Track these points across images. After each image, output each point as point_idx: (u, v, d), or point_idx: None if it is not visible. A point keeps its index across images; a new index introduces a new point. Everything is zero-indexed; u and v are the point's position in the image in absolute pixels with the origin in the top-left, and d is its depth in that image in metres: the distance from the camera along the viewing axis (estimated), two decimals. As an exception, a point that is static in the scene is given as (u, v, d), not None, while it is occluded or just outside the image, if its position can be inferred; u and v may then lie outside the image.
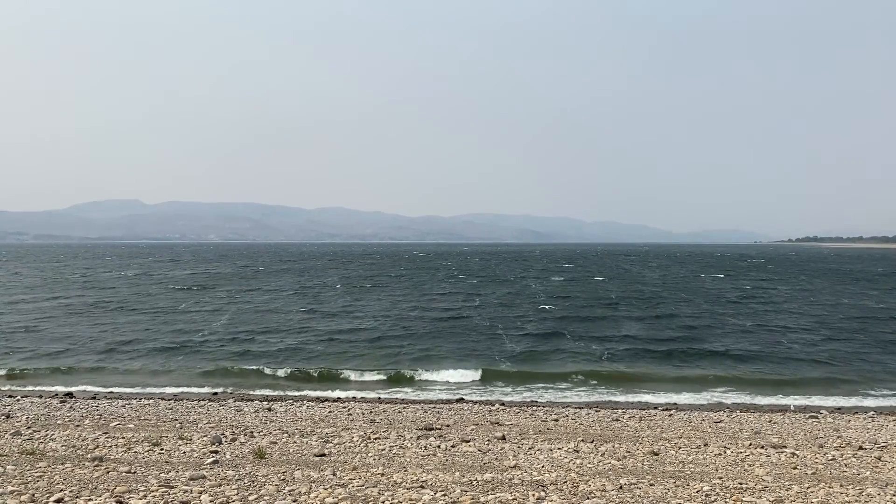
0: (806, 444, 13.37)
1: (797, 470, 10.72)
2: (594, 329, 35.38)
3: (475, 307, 45.73)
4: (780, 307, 46.17)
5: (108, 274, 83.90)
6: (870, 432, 15.46)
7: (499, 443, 13.01)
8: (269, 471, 9.76)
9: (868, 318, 39.95)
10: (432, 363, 26.84)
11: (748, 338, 32.52)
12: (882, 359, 27.64)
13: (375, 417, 16.67)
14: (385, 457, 11.37)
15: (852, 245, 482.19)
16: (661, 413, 18.49)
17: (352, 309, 44.22)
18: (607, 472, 10.27)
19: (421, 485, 9.00)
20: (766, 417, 17.80)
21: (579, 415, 17.85)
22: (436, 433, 14.12)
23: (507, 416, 17.26)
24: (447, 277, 79.42)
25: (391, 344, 30.78)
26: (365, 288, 62.16)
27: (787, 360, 27.23)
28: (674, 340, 31.80)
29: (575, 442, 13.23)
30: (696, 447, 12.85)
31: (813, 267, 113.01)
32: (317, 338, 32.13)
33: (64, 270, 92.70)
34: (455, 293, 57.10)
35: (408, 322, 37.88)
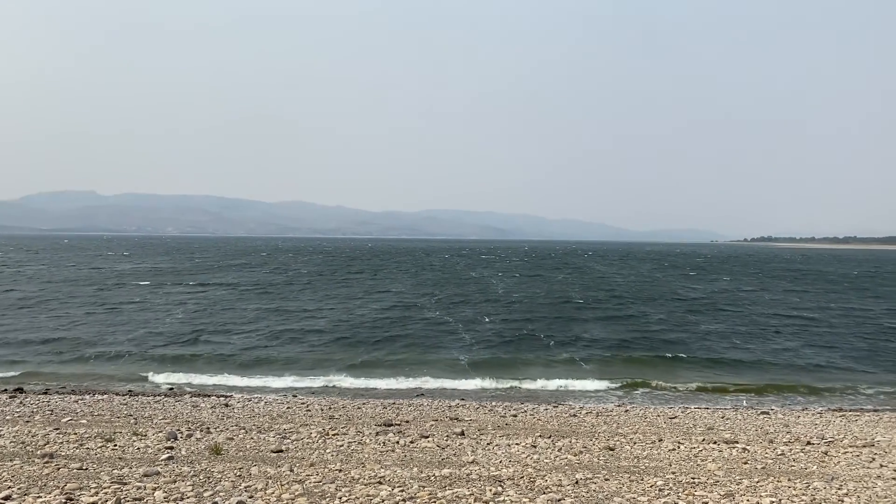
0: (757, 440, 13.69)
1: (748, 465, 10.98)
2: (556, 325, 35.71)
3: (435, 303, 45.80)
4: (746, 306, 47.16)
5: (40, 268, 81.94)
6: (818, 428, 15.89)
7: (457, 438, 13.07)
8: (225, 467, 9.67)
9: (821, 318, 41.05)
10: (392, 359, 26.83)
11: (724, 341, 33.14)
12: (831, 357, 28.46)
13: (334, 413, 16.60)
14: (343, 453, 11.34)
15: (805, 245, 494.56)
16: (618, 409, 18.75)
17: (311, 306, 43.94)
18: (564, 467, 10.39)
19: (379, 480, 9.01)
20: (719, 413, 18.18)
21: (538, 410, 18.00)
22: (395, 429, 14.12)
23: (467, 412, 17.33)
24: (409, 273, 79.40)
25: (350, 340, 30.68)
26: (325, 284, 61.82)
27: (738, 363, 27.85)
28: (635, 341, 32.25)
29: (533, 437, 13.35)
30: (650, 442, 13.07)
31: (771, 267, 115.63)
32: (273, 335, 31.84)
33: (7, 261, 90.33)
34: (417, 289, 57.11)
35: (366, 319, 37.77)
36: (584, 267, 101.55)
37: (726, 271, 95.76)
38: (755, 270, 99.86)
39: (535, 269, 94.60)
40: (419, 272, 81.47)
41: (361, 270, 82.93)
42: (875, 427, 16.17)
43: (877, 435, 14.77)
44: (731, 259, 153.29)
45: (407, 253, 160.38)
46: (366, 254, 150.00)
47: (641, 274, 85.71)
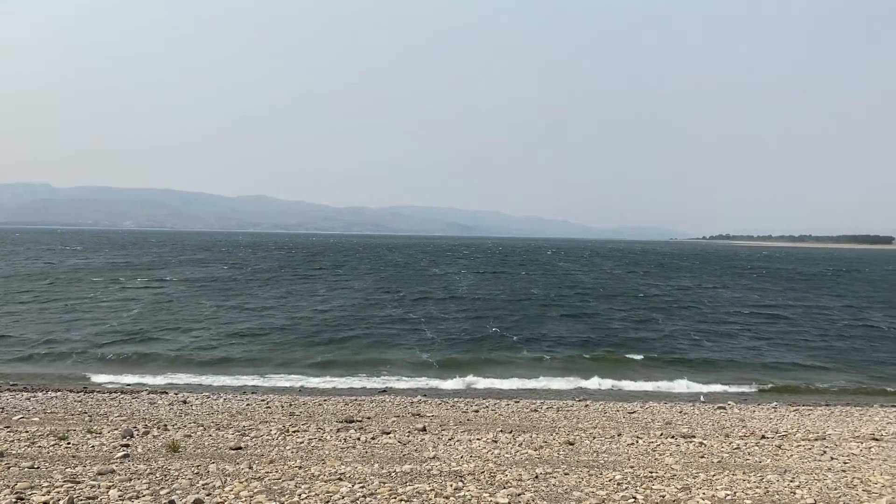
0: (713, 434, 13.94)
1: (704, 458, 11.17)
2: (519, 323, 35.90)
3: (398, 300, 45.72)
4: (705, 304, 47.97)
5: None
6: (772, 422, 16.24)
7: (419, 434, 13.07)
8: (182, 464, 9.53)
9: (779, 315, 41.97)
10: (354, 356, 26.72)
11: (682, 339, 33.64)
12: (788, 353, 29.13)
13: (295, 410, 16.47)
14: (303, 449, 11.25)
15: (763, 243, 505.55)
16: (578, 404, 18.93)
17: (272, 302, 43.53)
18: (524, 462, 10.45)
19: (339, 477, 8.96)
20: (677, 408, 18.47)
21: (499, 406, 18.08)
22: (356, 425, 14.06)
23: (429, 408, 17.34)
24: (372, 270, 79.13)
25: (311, 337, 30.45)
26: (286, 280, 61.28)
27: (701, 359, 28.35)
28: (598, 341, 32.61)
29: (494, 432, 13.40)
30: (610, 437, 13.23)
31: (730, 264, 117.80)
32: (232, 332, 31.45)
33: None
34: (380, 286, 56.95)
35: (328, 316, 37.55)
36: (548, 264, 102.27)
37: (686, 269, 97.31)
38: (715, 268, 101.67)
39: (499, 265, 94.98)
40: (382, 269, 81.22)
41: (323, 266, 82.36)
42: (827, 421, 16.59)
43: (828, 428, 15.16)
44: (691, 256, 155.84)
45: (370, 249, 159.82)
46: (328, 250, 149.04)
47: (604, 271, 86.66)
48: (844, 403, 20.47)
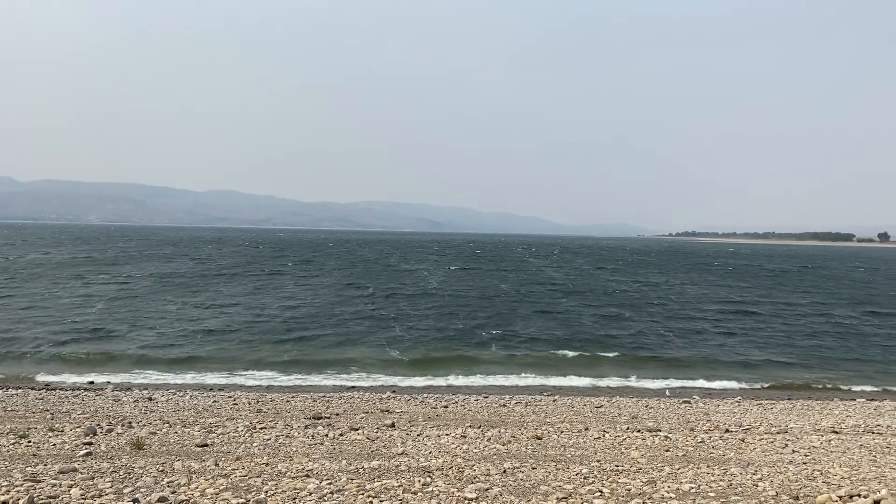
0: (678, 428, 14.14)
1: (669, 452, 11.32)
2: (489, 319, 36.01)
3: (368, 296, 45.59)
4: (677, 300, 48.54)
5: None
6: (736, 416, 16.53)
7: (388, 430, 13.05)
8: (147, 462, 9.41)
9: (742, 311, 42.65)
10: (323, 353, 26.59)
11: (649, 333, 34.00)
12: (752, 349, 29.64)
13: (262, 407, 16.35)
14: (271, 446, 11.18)
15: (727, 240, 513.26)
16: (547, 399, 19.06)
17: (240, 299, 43.10)
18: (492, 457, 10.50)
19: (306, 473, 8.91)
20: (643, 402, 18.70)
21: (468, 401, 18.14)
22: (324, 422, 14.00)
23: (398, 404, 17.33)
24: (342, 266, 78.78)
25: (279, 334, 30.23)
26: (255, 276, 60.74)
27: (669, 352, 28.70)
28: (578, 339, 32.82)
29: (463, 428, 13.45)
30: (577, 431, 13.34)
31: (697, 261, 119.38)
32: (198, 329, 31.09)
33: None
34: (350, 282, 56.73)
35: (297, 312, 37.31)
36: (519, 260, 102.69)
37: (654, 265, 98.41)
38: (683, 264, 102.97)
39: (470, 262, 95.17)
40: (352, 264, 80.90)
41: (292, 262, 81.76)
42: (789, 415, 16.93)
43: (790, 422, 15.47)
44: (659, 253, 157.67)
45: (339, 244, 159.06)
46: (297, 245, 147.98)
47: (575, 267, 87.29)
48: (805, 397, 20.89)
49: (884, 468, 10.29)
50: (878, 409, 18.33)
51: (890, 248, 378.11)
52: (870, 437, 13.34)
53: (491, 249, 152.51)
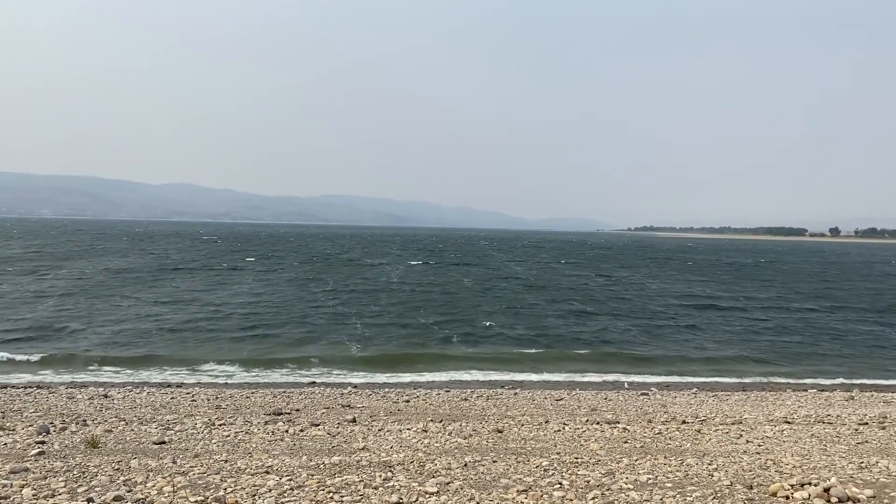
0: (636, 420, 14.35)
1: (627, 444, 11.49)
2: (452, 315, 36.07)
3: (329, 291, 45.32)
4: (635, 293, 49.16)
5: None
6: (692, 407, 16.84)
7: (349, 425, 13.01)
8: (102, 461, 9.23)
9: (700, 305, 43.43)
10: (284, 348, 26.36)
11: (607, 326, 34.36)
12: (712, 343, 30.20)
13: (221, 403, 16.14)
14: (230, 443, 11.06)
15: (685, 235, 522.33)
16: (508, 392, 19.18)
17: (197, 294, 42.49)
18: (453, 451, 10.54)
19: (266, 470, 8.84)
20: (602, 395, 18.93)
21: (430, 395, 18.16)
22: (285, 418, 13.89)
23: (359, 399, 17.27)
24: (302, 260, 78.16)
25: (239, 329, 29.89)
26: (214, 271, 59.93)
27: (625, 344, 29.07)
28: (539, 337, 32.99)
29: (424, 422, 13.46)
30: (537, 424, 13.46)
31: (661, 256, 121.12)
32: (155, 325, 30.57)
33: None
34: (311, 277, 56.32)
35: (257, 307, 36.93)
36: (482, 255, 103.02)
37: (615, 259, 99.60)
38: (644, 259, 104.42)
39: (432, 256, 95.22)
40: (312, 259, 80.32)
41: (252, 257, 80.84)
42: (743, 406, 17.30)
43: (745, 413, 15.82)
44: (620, 248, 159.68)
45: (300, 239, 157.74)
46: (257, 239, 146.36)
47: (537, 262, 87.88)
48: (760, 389, 21.37)
49: (833, 457, 10.60)
50: (829, 399, 18.85)
51: (841, 242, 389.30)
52: (820, 427, 13.71)
53: (453, 244, 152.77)
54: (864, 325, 36.76)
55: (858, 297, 50.75)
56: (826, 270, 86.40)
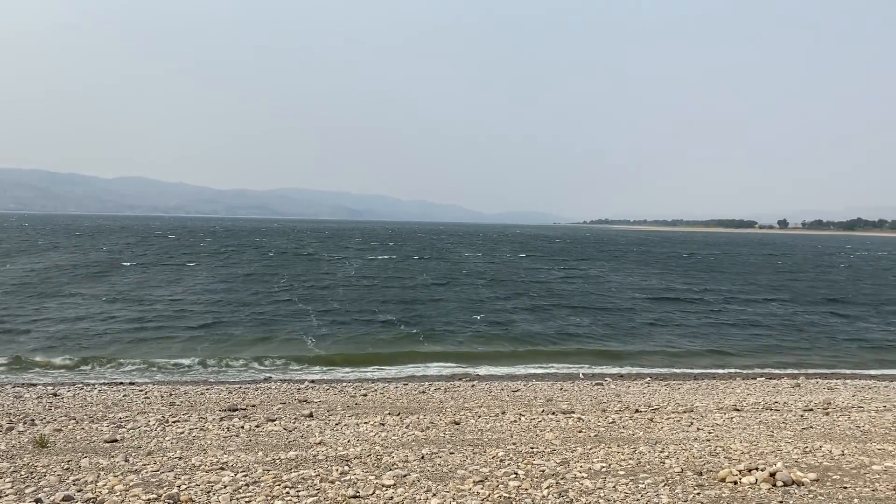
0: (591, 409, 14.58)
1: (582, 433, 11.68)
2: (410, 309, 36.06)
3: (285, 285, 44.92)
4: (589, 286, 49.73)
5: None
6: (645, 396, 17.16)
7: (306, 420, 12.95)
8: (51, 460, 9.04)
9: (658, 298, 44.16)
10: (239, 344, 26.06)
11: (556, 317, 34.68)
12: (652, 332, 30.77)
13: (175, 400, 15.91)
14: (184, 440, 10.92)
15: (638, 227, 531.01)
16: (465, 384, 19.29)
17: (148, 290, 41.72)
18: (411, 444, 10.58)
19: (221, 466, 8.77)
20: (558, 385, 19.16)
21: (388, 389, 18.16)
22: (240, 413, 13.76)
23: (316, 394, 17.19)
24: (258, 255, 77.28)
25: (193, 325, 29.45)
26: (165, 266, 58.88)
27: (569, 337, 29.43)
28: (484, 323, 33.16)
29: (382, 416, 13.47)
30: (494, 415, 13.58)
31: (619, 249, 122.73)
32: (105, 323, 29.94)
33: None
34: (266, 271, 55.75)
35: (211, 302, 36.43)
36: (443, 249, 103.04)
37: (575, 252, 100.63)
38: (601, 251, 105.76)
39: (390, 251, 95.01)
40: (268, 254, 79.44)
41: (206, 252, 79.60)
42: (695, 394, 17.70)
43: (696, 401, 16.19)
44: (580, 240, 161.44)
45: (255, 233, 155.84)
46: (211, 234, 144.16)
47: (497, 256, 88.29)
48: (710, 377, 21.88)
49: (780, 442, 10.92)
50: (777, 387, 19.39)
51: (790, 234, 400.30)
52: (768, 414, 14.11)
53: (412, 238, 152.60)
54: (814, 314, 37.80)
55: (811, 289, 52.10)
56: (778, 262, 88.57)
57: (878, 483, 8.43)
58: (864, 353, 27.83)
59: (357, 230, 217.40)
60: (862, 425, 12.68)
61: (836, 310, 39.82)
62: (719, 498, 7.75)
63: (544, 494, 7.73)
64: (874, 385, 19.98)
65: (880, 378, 22.36)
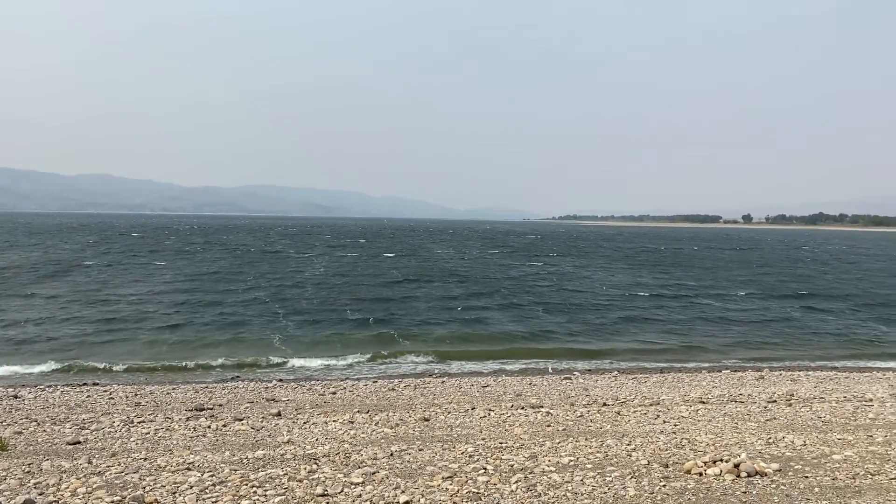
0: (559, 404, 14.68)
1: (550, 427, 11.75)
2: (380, 306, 35.95)
3: (253, 283, 44.52)
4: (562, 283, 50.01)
5: None
6: (612, 390, 17.33)
7: (273, 419, 12.84)
8: (11, 464, 8.86)
9: (626, 292, 44.59)
10: (206, 343, 25.77)
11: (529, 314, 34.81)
12: (625, 327, 31.11)
13: (140, 400, 15.67)
14: (149, 440, 10.77)
15: (607, 223, 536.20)
16: (435, 380, 19.29)
17: (111, 289, 41.05)
18: (380, 441, 10.56)
19: (187, 467, 8.67)
20: (527, 380, 19.26)
21: (357, 386, 18.08)
22: (207, 413, 13.61)
23: (284, 393, 17.06)
24: (225, 252, 76.47)
25: (159, 324, 29.04)
26: (129, 265, 57.98)
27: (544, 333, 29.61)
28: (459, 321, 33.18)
29: (351, 413, 13.42)
30: (464, 411, 13.61)
31: (590, 244, 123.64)
32: (70, 321, 29.40)
33: None
34: (234, 269, 55.19)
35: (177, 301, 35.96)
36: (414, 246, 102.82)
37: (547, 248, 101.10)
38: (571, 247, 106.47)
39: (360, 247, 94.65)
40: (235, 252, 78.62)
41: (172, 250, 78.53)
42: (661, 387, 17.92)
43: (662, 394, 16.39)
44: (550, 236, 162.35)
45: (222, 231, 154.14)
46: (177, 231, 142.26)
47: (469, 253, 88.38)
48: (677, 370, 22.15)
49: (744, 434, 11.11)
50: (741, 379, 19.71)
51: (755, 228, 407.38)
52: (733, 406, 14.35)
53: (382, 234, 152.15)
54: (780, 307, 38.44)
55: (780, 282, 52.94)
56: (747, 256, 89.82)
57: (837, 472, 8.63)
58: (828, 344, 28.41)
59: (327, 227, 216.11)
60: (823, 416, 12.96)
61: (802, 303, 40.56)
62: (685, 490, 7.86)
63: (513, 489, 7.77)
64: (835, 376, 20.42)
65: (841, 369, 22.87)
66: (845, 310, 38.12)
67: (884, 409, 13.77)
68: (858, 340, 29.37)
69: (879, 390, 16.81)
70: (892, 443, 10.40)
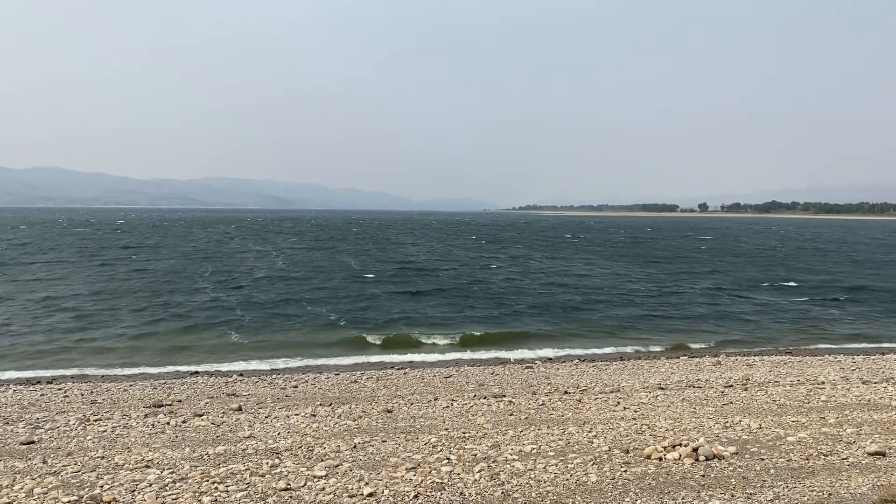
0: (522, 393, 14.80)
1: (513, 416, 11.84)
2: (341, 301, 35.71)
3: (208, 278, 43.88)
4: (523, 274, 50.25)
5: None
6: (574, 378, 17.52)
7: (234, 414, 12.69)
8: (-39, 466, 8.60)
9: (565, 283, 45.02)
10: (162, 339, 25.31)
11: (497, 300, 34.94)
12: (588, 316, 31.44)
13: (97, 398, 15.34)
14: (106, 439, 10.55)
15: (567, 213, 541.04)
16: (398, 372, 19.26)
17: (64, 286, 40.08)
18: (343, 433, 10.51)
19: (146, 464, 8.52)
20: (489, 370, 19.34)
21: (319, 379, 17.96)
22: (166, 409, 13.39)
23: (245, 387, 16.86)
24: (179, 248, 75.14)
25: (112, 321, 28.45)
26: (79, 261, 56.65)
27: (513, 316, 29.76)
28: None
29: (313, 406, 13.34)
30: (427, 402, 13.63)
31: (556, 234, 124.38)
32: (22, 319, 28.63)
33: None
34: (189, 265, 54.29)
35: (131, 298, 35.25)
36: (376, 238, 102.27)
37: (515, 240, 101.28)
38: (537, 238, 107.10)
39: (319, 241, 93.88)
40: (191, 247, 77.32)
41: (126, 246, 76.84)
42: (621, 374, 18.17)
43: (622, 381, 16.62)
44: (515, 227, 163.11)
45: (178, 225, 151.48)
46: (131, 226, 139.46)
47: (431, 244, 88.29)
48: (636, 357, 22.47)
49: (702, 418, 11.34)
50: (699, 364, 20.10)
51: (711, 216, 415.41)
52: (691, 391, 14.62)
53: (342, 227, 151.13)
54: (738, 294, 39.23)
55: (740, 269, 53.99)
56: (703, 246, 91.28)
57: (792, 453, 8.86)
58: (781, 328, 29.08)
59: (285, 219, 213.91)
60: (777, 399, 13.29)
61: (762, 289, 41.51)
62: (645, 474, 7.99)
63: (476, 478, 7.81)
64: (789, 360, 20.93)
65: (795, 353, 23.45)
66: (796, 295, 39.09)
67: (835, 391, 14.18)
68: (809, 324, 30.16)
69: (831, 373, 17.30)
70: (843, 424, 10.71)
